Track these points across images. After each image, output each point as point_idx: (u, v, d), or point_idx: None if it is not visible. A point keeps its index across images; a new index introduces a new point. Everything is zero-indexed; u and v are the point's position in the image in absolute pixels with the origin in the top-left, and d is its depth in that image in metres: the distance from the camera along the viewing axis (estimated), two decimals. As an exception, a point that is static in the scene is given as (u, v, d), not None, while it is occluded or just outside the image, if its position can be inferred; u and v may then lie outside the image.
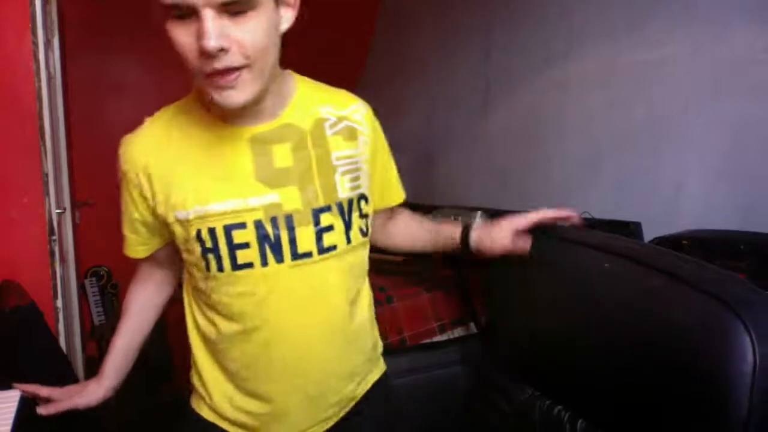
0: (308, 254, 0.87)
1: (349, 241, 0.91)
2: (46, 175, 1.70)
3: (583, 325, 0.79)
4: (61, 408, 0.99)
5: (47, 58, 1.73)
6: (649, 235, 1.88)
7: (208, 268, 0.87)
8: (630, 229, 1.89)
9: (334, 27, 3.49)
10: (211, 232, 0.84)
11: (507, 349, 0.97)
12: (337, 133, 0.91)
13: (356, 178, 0.91)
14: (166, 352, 2.87)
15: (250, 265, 0.86)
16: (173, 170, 0.86)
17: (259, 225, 0.84)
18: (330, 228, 0.88)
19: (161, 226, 0.91)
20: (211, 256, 0.85)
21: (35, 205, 1.65)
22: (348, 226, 0.90)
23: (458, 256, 1.97)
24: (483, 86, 2.79)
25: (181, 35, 0.73)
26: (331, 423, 0.99)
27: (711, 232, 1.65)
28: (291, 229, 0.86)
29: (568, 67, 2.37)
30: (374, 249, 1.05)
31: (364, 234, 0.94)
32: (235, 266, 0.86)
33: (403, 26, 3.38)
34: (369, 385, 1.03)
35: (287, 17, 0.81)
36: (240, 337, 0.91)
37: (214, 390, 0.97)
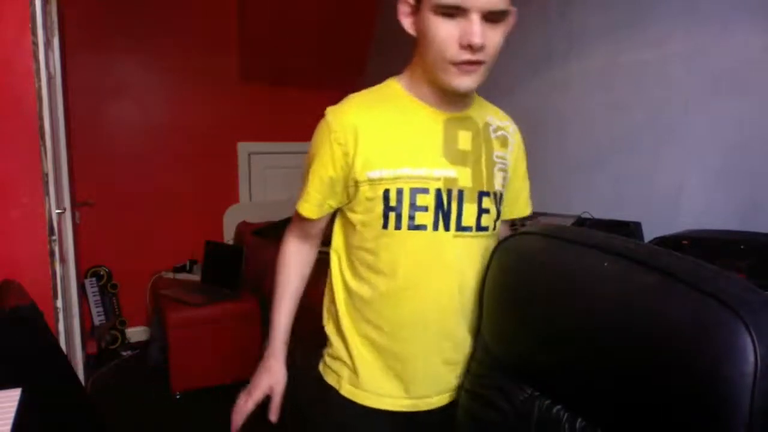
0: (468, 228, 1.02)
1: (495, 228, 1.07)
2: (46, 175, 1.70)
3: (582, 324, 0.79)
4: (279, 404, 1.09)
5: (47, 58, 1.73)
6: (649, 235, 1.88)
7: (385, 226, 0.99)
8: (630, 229, 1.89)
9: (335, 27, 3.49)
10: (399, 192, 0.97)
11: (506, 348, 0.97)
12: (496, 137, 1.08)
13: (504, 178, 1.09)
14: (164, 351, 2.87)
15: (423, 227, 0.99)
16: (377, 135, 0.99)
17: (438, 193, 0.99)
18: (487, 211, 1.04)
19: (345, 186, 1.02)
20: (392, 215, 0.98)
21: (35, 205, 1.65)
22: (498, 214, 1.06)
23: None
24: (483, 86, 2.79)
25: (445, 29, 0.90)
26: (454, 395, 1.08)
27: (711, 232, 1.65)
28: (460, 203, 1.00)
29: (568, 67, 2.37)
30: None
31: (494, 228, 1.07)
32: (412, 226, 0.99)
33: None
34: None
35: (506, 33, 0.98)
36: (397, 294, 1.02)
37: (360, 362, 1.06)
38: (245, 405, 1.06)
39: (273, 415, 1.07)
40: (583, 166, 2.32)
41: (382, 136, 0.99)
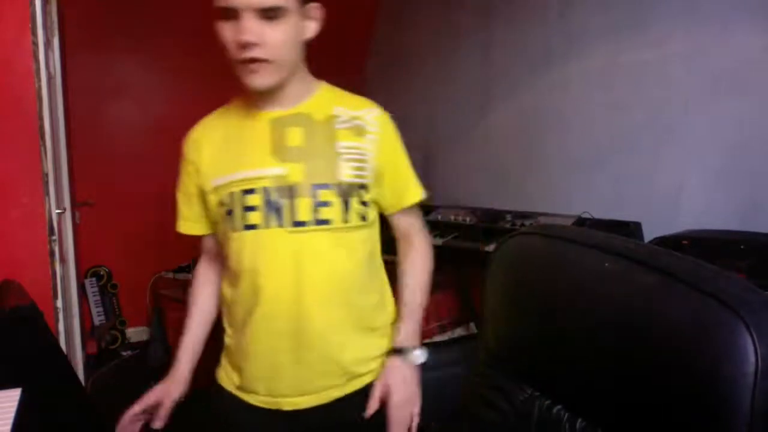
0: (303, 223, 1.01)
1: (346, 220, 1.02)
2: (46, 175, 1.70)
3: (583, 324, 0.79)
4: (166, 411, 1.09)
5: (47, 58, 1.73)
6: (649, 235, 1.88)
7: (228, 230, 1.04)
8: (630, 229, 1.89)
9: (334, 27, 3.49)
10: (231, 195, 1.02)
11: (506, 348, 0.97)
12: (345, 128, 1.05)
13: (359, 168, 1.03)
14: (167, 352, 2.87)
15: (255, 226, 1.01)
16: (216, 146, 1.06)
17: (266, 192, 1.00)
18: (326, 203, 1.01)
19: (203, 199, 1.08)
20: (229, 218, 1.02)
21: (35, 205, 1.65)
22: (346, 207, 1.02)
23: (458, 257, 1.98)
24: (483, 86, 2.79)
25: (227, 32, 0.94)
26: (326, 397, 1.06)
27: (711, 232, 1.65)
28: (292, 198, 1.00)
29: (568, 67, 2.37)
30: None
31: (364, 219, 1.05)
32: (245, 226, 1.01)
33: (403, 26, 3.38)
34: (370, 377, 1.08)
35: (311, 28, 1.01)
36: (243, 294, 1.05)
37: (227, 357, 1.13)
38: (131, 410, 1.07)
39: (157, 422, 1.08)
40: (583, 166, 2.32)
41: (219, 146, 1.06)
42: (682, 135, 1.94)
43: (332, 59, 3.80)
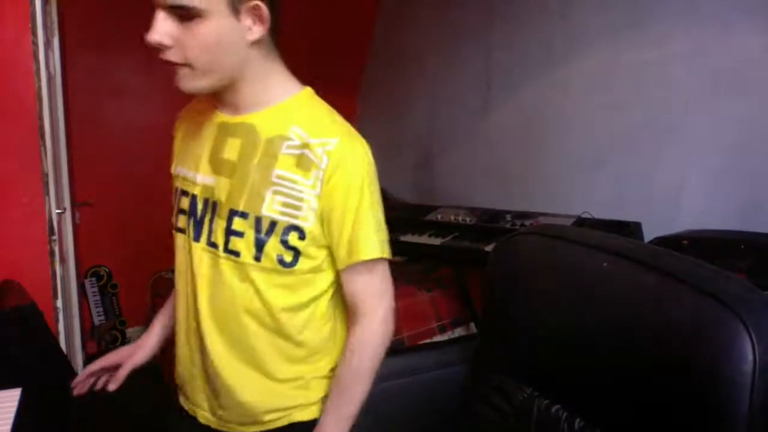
0: (216, 245, 0.92)
1: (258, 259, 0.89)
2: (46, 175, 1.70)
3: (582, 324, 0.79)
4: (124, 373, 1.07)
5: (47, 58, 1.73)
6: (649, 235, 1.88)
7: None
8: (630, 229, 1.89)
9: (334, 27, 3.49)
10: (176, 190, 0.99)
11: (506, 348, 0.97)
12: (291, 155, 0.89)
13: (292, 206, 0.88)
14: (165, 351, 2.87)
15: (183, 230, 0.97)
16: (185, 132, 1.03)
17: (193, 199, 0.95)
18: (239, 234, 0.90)
19: None
20: (173, 214, 0.99)
21: (35, 205, 1.65)
22: (260, 244, 0.89)
23: (458, 257, 1.98)
24: (483, 86, 2.79)
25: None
26: (231, 429, 0.98)
27: (711, 232, 1.65)
28: (213, 215, 0.92)
29: (568, 67, 2.37)
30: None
31: (286, 265, 0.89)
32: (176, 227, 0.98)
33: (403, 26, 3.38)
34: (280, 424, 0.97)
35: (255, 29, 0.85)
36: (176, 298, 1.02)
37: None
38: (90, 367, 1.06)
39: (112, 384, 1.06)
40: (583, 166, 2.32)
41: (186, 133, 1.02)
42: (682, 135, 1.93)
43: (332, 59, 3.81)
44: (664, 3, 1.97)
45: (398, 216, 2.51)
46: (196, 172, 0.95)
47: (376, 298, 0.94)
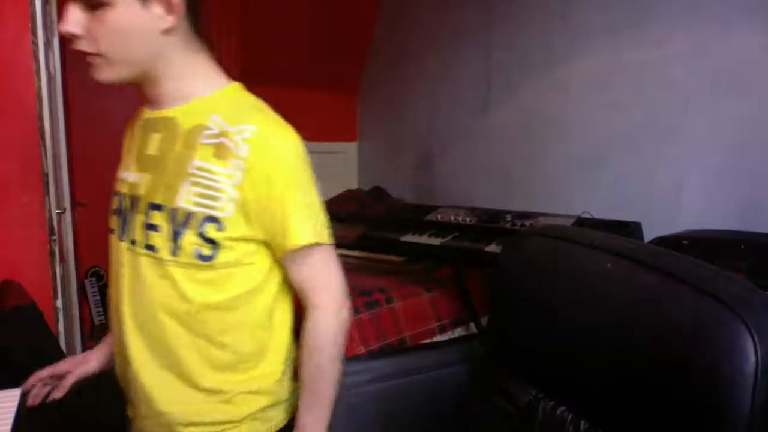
0: (135, 242, 0.90)
1: (174, 253, 0.86)
2: (46, 175, 1.70)
3: (585, 325, 0.79)
4: (70, 382, 1.04)
5: (47, 58, 1.73)
6: (649, 235, 1.88)
7: None
8: (630, 229, 1.89)
9: (335, 27, 3.49)
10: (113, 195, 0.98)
11: (509, 349, 0.97)
12: (210, 144, 0.86)
13: (209, 197, 0.85)
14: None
15: (113, 231, 0.95)
16: (128, 139, 1.01)
17: (120, 198, 0.94)
18: (156, 228, 0.88)
19: None
20: None
21: (35, 205, 1.65)
22: (175, 237, 0.85)
23: (458, 257, 1.98)
24: (484, 86, 2.79)
25: None
26: None
27: (711, 232, 1.65)
28: (134, 212, 0.91)
29: (568, 67, 2.37)
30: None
31: (204, 258, 0.86)
32: (110, 229, 0.96)
33: (403, 26, 3.38)
34: None
35: (167, 18, 0.84)
36: (109, 303, 0.99)
37: None
38: (39, 373, 1.04)
39: (56, 392, 1.03)
40: (583, 166, 2.32)
41: (128, 140, 1.01)
42: (682, 135, 1.93)
43: (332, 59, 3.81)
44: (664, 3, 1.97)
45: (398, 216, 2.51)
46: (125, 171, 0.95)
47: (323, 288, 0.91)
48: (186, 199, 0.85)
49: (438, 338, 1.67)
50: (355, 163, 3.79)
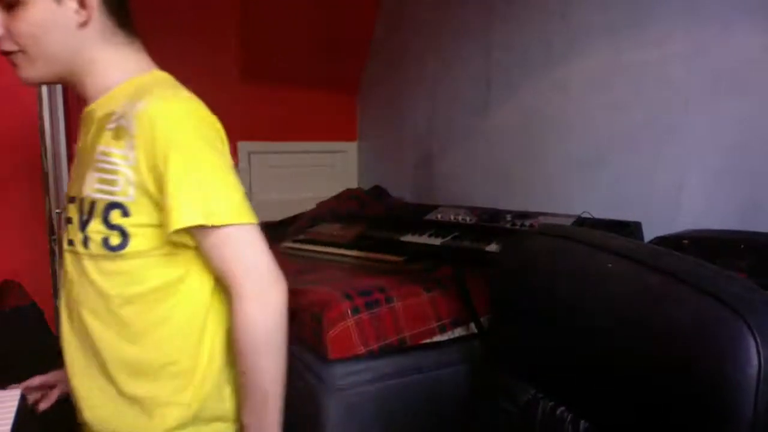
0: (70, 242, 0.88)
1: (86, 245, 0.83)
2: (46, 174, 1.70)
3: (585, 325, 0.79)
4: (56, 394, 1.04)
5: (47, 58, 1.72)
6: (649, 235, 1.88)
7: None
8: (630, 229, 1.89)
9: (335, 27, 3.49)
10: None
11: (509, 349, 0.97)
12: (110, 129, 0.84)
13: (109, 182, 0.81)
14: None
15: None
16: None
17: (68, 202, 0.91)
18: (71, 221, 0.87)
19: None
20: None
21: (35, 205, 1.65)
22: (83, 228, 0.83)
23: (458, 257, 1.97)
24: (483, 86, 2.79)
25: None
26: None
27: (711, 232, 1.65)
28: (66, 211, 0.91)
29: (568, 67, 2.37)
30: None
31: (113, 248, 0.81)
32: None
33: (404, 26, 3.37)
34: None
35: (81, 13, 0.85)
36: None
37: None
38: (29, 381, 1.05)
39: (43, 403, 1.04)
40: (583, 166, 2.32)
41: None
42: (682, 135, 1.93)
43: (332, 59, 3.82)
44: (664, 3, 1.97)
45: (398, 216, 2.51)
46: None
47: (243, 274, 0.80)
48: (90, 187, 0.83)
49: (438, 338, 1.66)
50: (355, 163, 3.79)
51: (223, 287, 0.86)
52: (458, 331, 1.70)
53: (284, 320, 0.82)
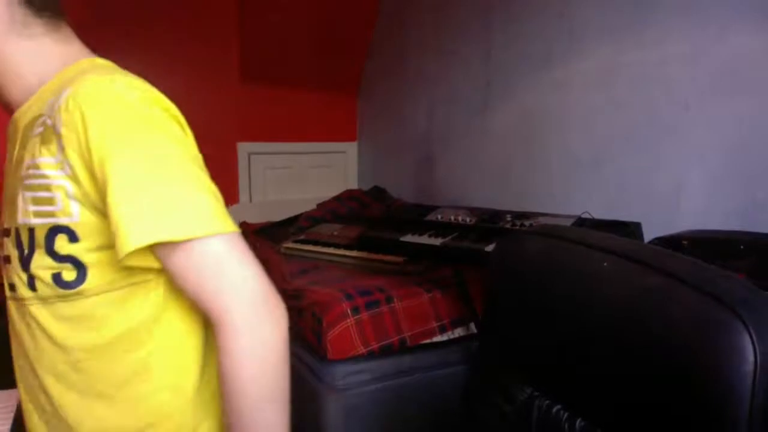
0: (11, 287, 0.68)
1: (32, 287, 0.64)
2: (46, 175, 1.69)
3: (582, 324, 0.79)
4: None
5: (47, 58, 1.72)
6: (649, 235, 1.88)
7: None
8: (630, 229, 1.89)
9: (334, 27, 3.49)
10: None
11: (506, 348, 0.97)
12: (36, 135, 0.65)
13: (44, 200, 0.62)
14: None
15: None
16: None
17: (2, 236, 0.71)
18: (9, 260, 0.68)
19: None
20: None
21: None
22: (24, 265, 0.64)
23: (458, 257, 1.98)
24: (483, 86, 2.79)
25: None
26: None
27: (711, 232, 1.65)
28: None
29: (568, 67, 2.37)
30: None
31: (68, 286, 0.63)
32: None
33: (404, 26, 3.38)
34: None
35: None
36: None
37: None
38: None
39: None
40: (583, 166, 2.32)
41: None
42: (682, 135, 1.93)
43: (332, 59, 3.82)
44: (664, 3, 1.97)
45: (398, 216, 2.52)
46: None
47: (225, 297, 0.60)
48: (24, 212, 0.63)
49: (438, 338, 1.67)
50: (355, 164, 3.79)
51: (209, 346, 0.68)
52: (458, 332, 1.70)
53: (286, 356, 0.63)
